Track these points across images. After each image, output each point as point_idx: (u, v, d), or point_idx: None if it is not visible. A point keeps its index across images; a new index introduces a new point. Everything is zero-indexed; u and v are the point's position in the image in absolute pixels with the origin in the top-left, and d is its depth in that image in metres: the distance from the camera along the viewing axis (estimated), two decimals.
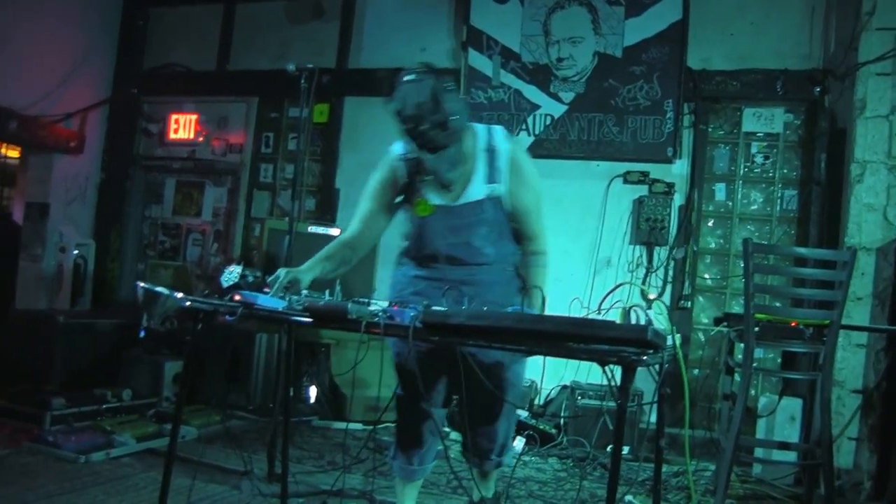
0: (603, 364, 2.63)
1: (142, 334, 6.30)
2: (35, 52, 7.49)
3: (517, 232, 3.70)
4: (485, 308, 3.13)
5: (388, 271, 6.91)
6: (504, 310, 3.39)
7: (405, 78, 3.36)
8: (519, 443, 6.09)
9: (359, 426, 6.39)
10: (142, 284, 3.38)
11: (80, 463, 4.92)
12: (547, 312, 3.10)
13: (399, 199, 3.70)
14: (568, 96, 7.21)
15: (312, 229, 6.70)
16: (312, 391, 6.94)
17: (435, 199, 3.58)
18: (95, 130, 8.54)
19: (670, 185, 6.94)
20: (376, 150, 8.02)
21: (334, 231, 6.68)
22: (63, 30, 7.95)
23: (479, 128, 3.64)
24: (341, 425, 6.36)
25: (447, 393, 3.79)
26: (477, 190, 3.57)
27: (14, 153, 8.92)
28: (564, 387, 6.55)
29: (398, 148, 3.66)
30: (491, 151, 3.60)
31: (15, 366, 6.43)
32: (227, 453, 5.27)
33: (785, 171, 6.85)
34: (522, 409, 6.38)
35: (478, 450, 3.88)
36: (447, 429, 5.66)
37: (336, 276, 3.57)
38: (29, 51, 7.40)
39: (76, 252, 7.67)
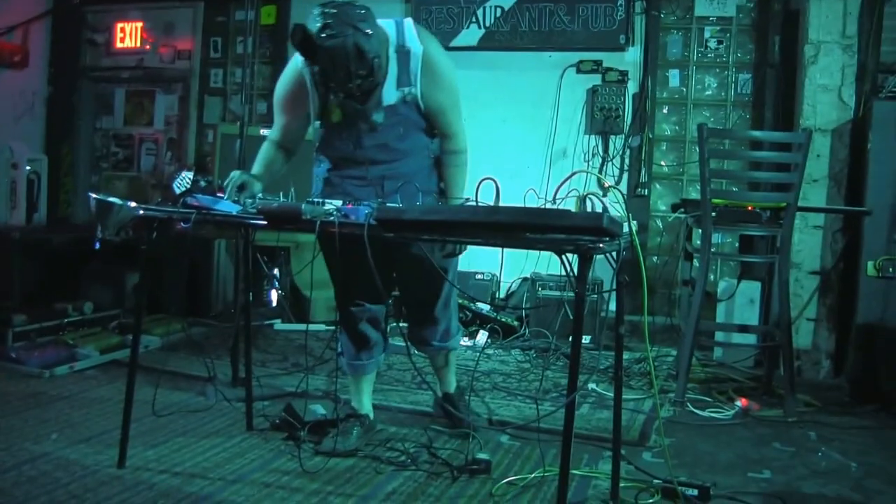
0: (560, 253, 2.63)
1: (97, 246, 6.30)
2: None
3: (434, 128, 3.67)
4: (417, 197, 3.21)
5: None
6: (428, 196, 3.50)
7: (321, 35, 3.11)
8: (482, 336, 6.15)
9: (321, 327, 6.43)
10: (94, 195, 3.34)
11: (44, 378, 4.90)
12: (502, 203, 3.08)
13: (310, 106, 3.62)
14: None
15: (265, 132, 6.60)
16: (273, 295, 6.95)
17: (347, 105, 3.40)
18: (39, 43, 8.30)
19: (624, 74, 6.86)
20: None
21: None
22: None
23: (388, 25, 3.45)
24: (303, 327, 6.37)
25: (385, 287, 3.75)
26: (389, 94, 3.47)
27: None
28: (525, 279, 6.59)
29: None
30: (402, 52, 3.46)
31: None
32: (190, 361, 5.27)
33: (738, 54, 6.80)
34: (475, 302, 6.43)
35: (419, 337, 4.01)
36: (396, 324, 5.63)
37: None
38: None
39: (28, 168, 7.53)
